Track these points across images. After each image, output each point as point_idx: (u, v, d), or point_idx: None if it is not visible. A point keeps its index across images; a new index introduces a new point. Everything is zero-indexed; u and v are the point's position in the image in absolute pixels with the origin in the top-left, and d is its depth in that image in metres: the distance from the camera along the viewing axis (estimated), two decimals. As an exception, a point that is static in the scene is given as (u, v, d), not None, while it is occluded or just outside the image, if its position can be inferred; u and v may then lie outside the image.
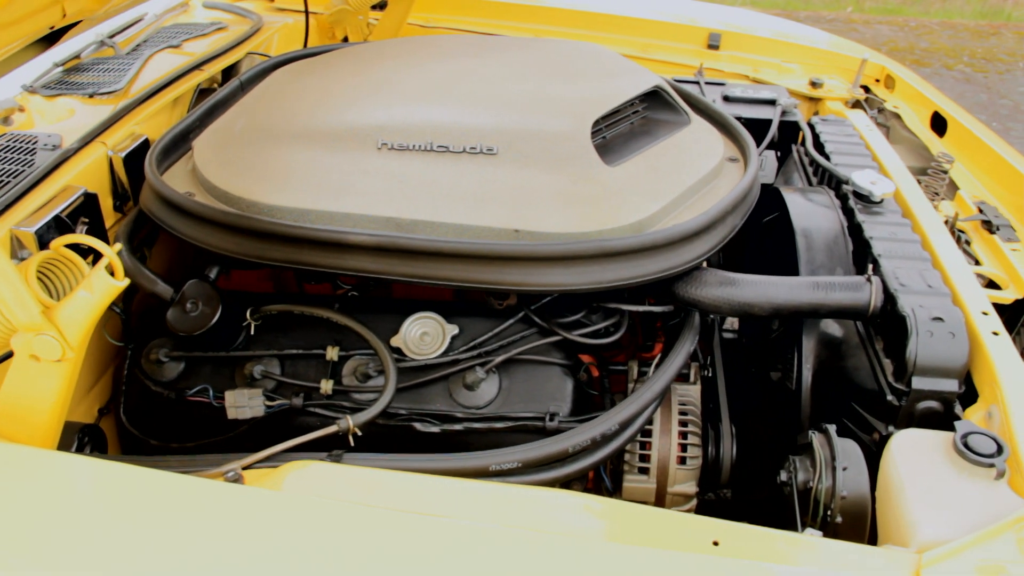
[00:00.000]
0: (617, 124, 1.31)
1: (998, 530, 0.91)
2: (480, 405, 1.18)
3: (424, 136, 1.19)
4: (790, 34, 2.14)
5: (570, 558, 0.82)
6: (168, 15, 1.84)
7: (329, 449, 1.07)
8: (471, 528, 0.84)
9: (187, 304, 1.22)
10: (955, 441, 1.01)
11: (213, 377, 1.24)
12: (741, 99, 1.81)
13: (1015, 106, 4.69)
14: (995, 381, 1.10)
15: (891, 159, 1.58)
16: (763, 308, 1.18)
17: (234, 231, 1.17)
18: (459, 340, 1.22)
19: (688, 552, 0.85)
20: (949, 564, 0.87)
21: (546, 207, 1.15)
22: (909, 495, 0.97)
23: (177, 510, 0.86)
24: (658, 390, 1.12)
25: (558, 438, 1.06)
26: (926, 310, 1.14)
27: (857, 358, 1.23)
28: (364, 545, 0.83)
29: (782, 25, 2.24)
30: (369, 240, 1.12)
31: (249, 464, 1.02)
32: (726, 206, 1.21)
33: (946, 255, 1.31)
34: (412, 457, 1.03)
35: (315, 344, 1.24)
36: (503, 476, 1.05)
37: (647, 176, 1.23)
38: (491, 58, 1.40)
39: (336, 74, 1.40)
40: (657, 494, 1.21)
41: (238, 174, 1.24)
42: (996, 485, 0.99)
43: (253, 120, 1.32)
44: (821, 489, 0.98)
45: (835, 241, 1.35)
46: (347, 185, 1.18)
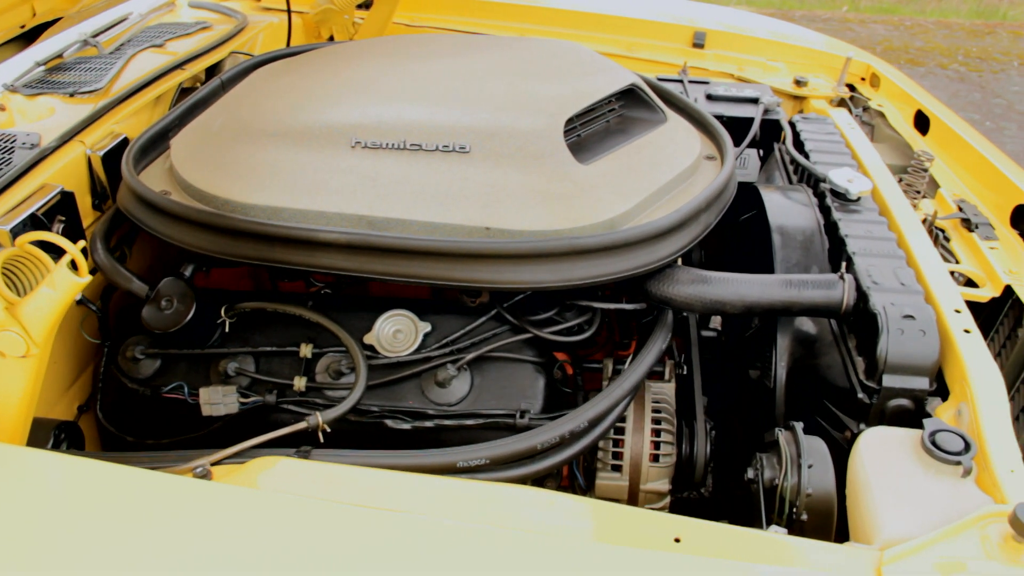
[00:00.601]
0: (592, 122, 1.31)
1: (961, 527, 0.91)
2: (452, 402, 1.18)
3: (397, 135, 1.19)
4: (776, 33, 2.14)
5: (530, 554, 0.82)
6: (153, 14, 1.85)
7: (303, 445, 1.07)
8: (431, 524, 0.85)
9: (162, 302, 1.22)
10: (923, 439, 1.01)
11: (189, 374, 1.25)
12: (724, 97, 1.81)
13: (1009, 105, 4.68)
14: (965, 379, 1.10)
15: (871, 157, 1.58)
16: (735, 306, 1.18)
17: (207, 229, 1.18)
18: (432, 338, 1.22)
19: (649, 549, 0.86)
20: (910, 561, 0.87)
21: (518, 205, 1.15)
22: (874, 492, 0.97)
23: (141, 505, 0.86)
24: (628, 388, 1.12)
25: (526, 435, 1.06)
26: (897, 308, 1.14)
27: (830, 356, 1.23)
28: (324, 540, 0.83)
29: (768, 24, 2.23)
30: (340, 238, 1.12)
31: (218, 460, 1.02)
32: (699, 204, 1.21)
33: (921, 253, 1.31)
34: (379, 453, 1.03)
35: (289, 342, 1.24)
36: (471, 473, 1.05)
37: (620, 174, 1.23)
38: (468, 57, 1.41)
39: (313, 73, 1.41)
40: (630, 491, 1.21)
41: (213, 173, 1.24)
42: (963, 483, 0.99)
43: (230, 119, 1.33)
44: (787, 486, 0.98)
45: (811, 239, 1.35)
46: (320, 183, 1.19)
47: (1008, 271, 1.36)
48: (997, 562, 0.87)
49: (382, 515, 0.86)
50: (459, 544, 0.82)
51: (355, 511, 0.87)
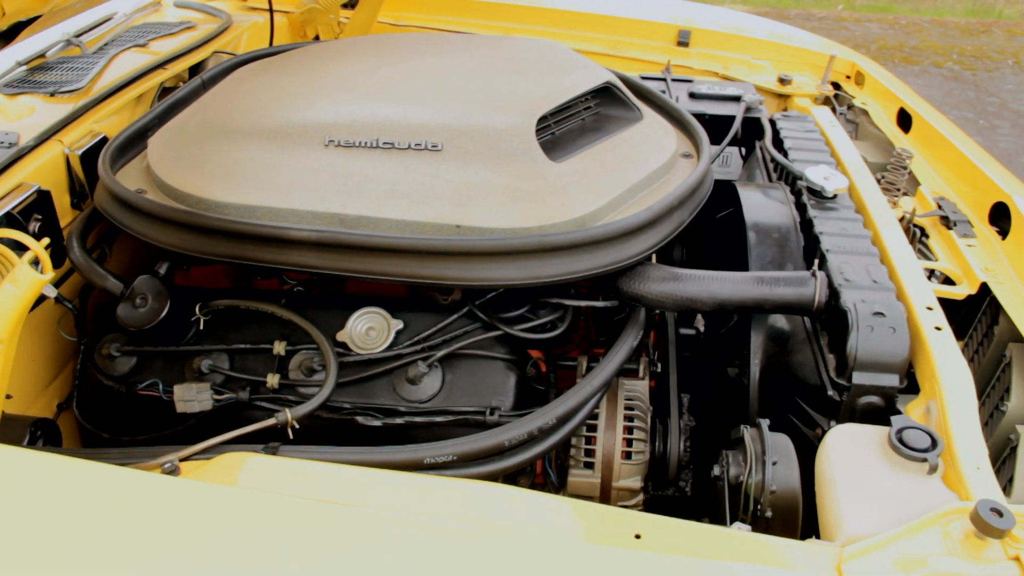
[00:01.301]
0: (567, 120, 1.31)
1: (924, 524, 0.91)
2: (423, 399, 1.18)
3: (370, 133, 1.20)
4: (761, 31, 2.14)
5: (488, 550, 0.82)
6: (138, 14, 1.86)
7: (276, 441, 1.08)
8: (392, 519, 0.85)
9: (137, 299, 1.23)
10: (890, 436, 1.02)
11: (164, 371, 1.26)
12: (707, 96, 1.81)
13: (1002, 103, 4.66)
14: (934, 376, 1.10)
15: (850, 155, 1.58)
16: (706, 303, 1.18)
17: (180, 227, 1.19)
18: (404, 335, 1.22)
19: (609, 545, 0.86)
20: (871, 557, 0.87)
21: (489, 203, 1.16)
22: (838, 489, 0.97)
23: (104, 500, 0.87)
24: (597, 385, 1.13)
25: (494, 431, 1.06)
26: (868, 305, 1.14)
27: (803, 353, 1.23)
28: (285, 535, 0.83)
29: (754, 22, 2.23)
30: (310, 235, 1.13)
31: (187, 456, 1.03)
32: (671, 202, 1.21)
33: (895, 250, 1.30)
34: (347, 450, 1.04)
35: (263, 339, 1.25)
36: (439, 469, 1.05)
37: (593, 172, 1.23)
38: (445, 56, 1.41)
39: (290, 73, 1.41)
40: (602, 488, 1.21)
41: (188, 171, 1.25)
42: (928, 480, 0.99)
43: (205, 118, 1.33)
44: (751, 483, 0.98)
45: (786, 236, 1.35)
46: (293, 182, 1.19)
47: (984, 268, 1.36)
48: (958, 558, 0.87)
49: (345, 510, 0.87)
50: (418, 539, 0.83)
51: (319, 507, 0.88)
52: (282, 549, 0.80)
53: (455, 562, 0.80)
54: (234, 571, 0.78)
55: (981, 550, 0.88)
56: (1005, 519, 0.87)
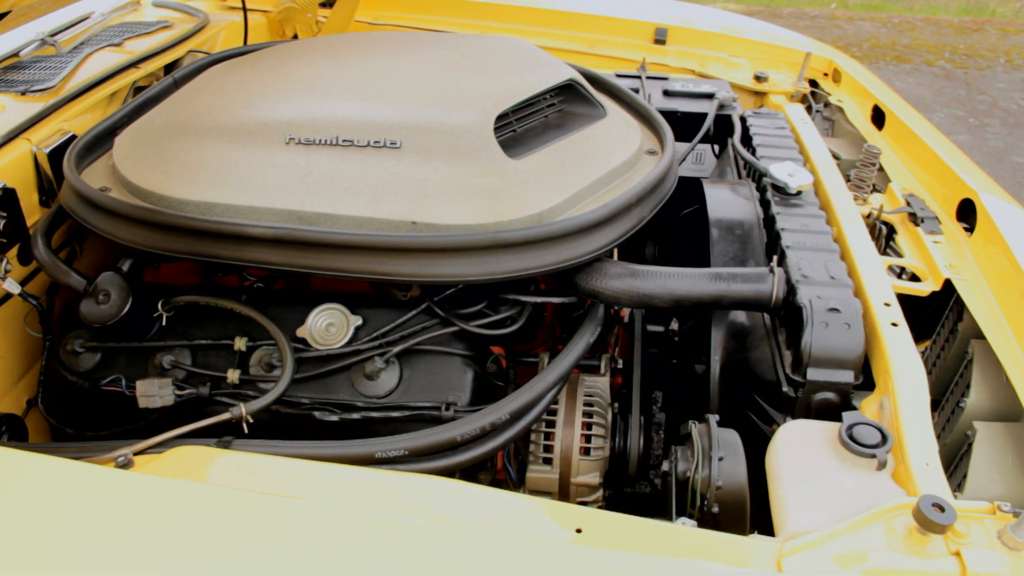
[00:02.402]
0: (529, 118, 1.32)
1: (868, 520, 0.91)
2: (380, 395, 1.19)
3: (330, 131, 1.20)
4: (738, 29, 2.14)
5: (422, 542, 0.82)
6: (116, 13, 1.87)
7: (234, 435, 1.09)
8: (323, 511, 0.85)
9: (99, 295, 1.24)
10: (840, 432, 1.02)
11: (128, 367, 1.27)
12: (680, 93, 1.81)
13: (993, 102, 4.64)
14: (888, 372, 1.10)
15: (820, 152, 1.58)
16: (663, 299, 1.18)
17: (140, 224, 1.20)
18: (364, 331, 1.23)
19: (548, 539, 0.86)
20: (810, 553, 0.87)
21: (446, 199, 1.16)
22: (785, 485, 0.97)
23: (46, 493, 0.87)
24: (551, 381, 1.13)
25: (445, 427, 1.07)
26: (823, 301, 1.13)
27: (762, 350, 1.23)
28: (225, 527, 0.84)
29: (731, 20, 2.23)
30: (266, 232, 1.14)
31: (141, 450, 1.04)
32: (629, 198, 1.21)
33: (857, 247, 1.30)
34: (298, 444, 1.05)
35: (225, 335, 1.26)
36: (391, 464, 1.06)
37: (552, 169, 1.23)
38: (410, 54, 1.42)
39: (257, 71, 1.42)
40: (560, 484, 1.21)
41: (151, 169, 1.26)
42: (877, 476, 0.99)
43: (171, 117, 1.34)
44: (698, 479, 0.99)
45: (749, 233, 1.35)
46: (253, 179, 1.20)
47: (949, 265, 1.36)
48: (901, 554, 0.87)
49: (282, 503, 0.87)
50: (351, 531, 0.83)
51: (259, 499, 0.88)
52: (216, 540, 0.81)
53: (386, 554, 0.80)
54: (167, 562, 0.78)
55: (923, 545, 0.88)
56: (947, 514, 0.87)
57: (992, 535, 0.89)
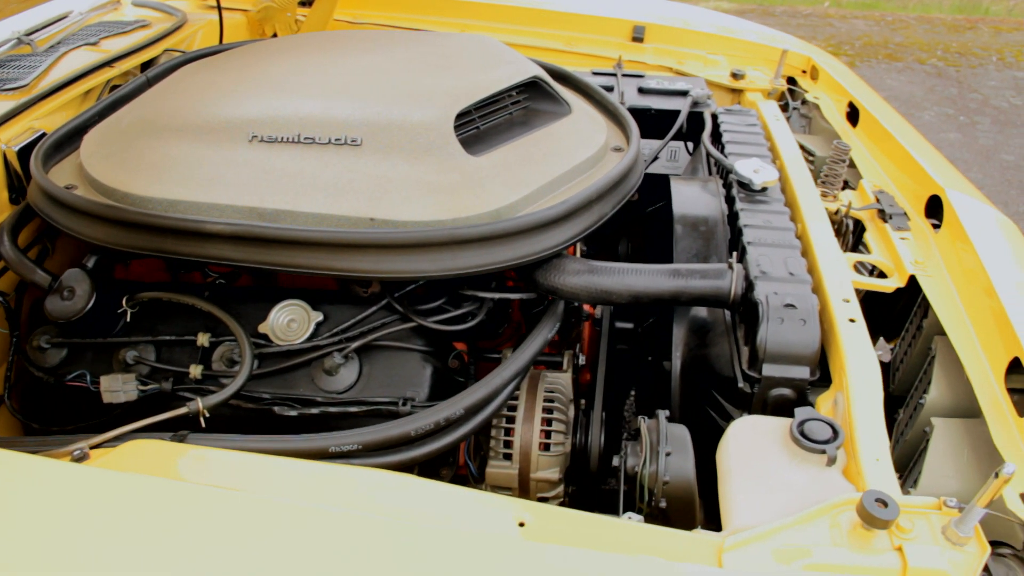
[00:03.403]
0: (493, 115, 1.32)
1: (813, 515, 0.91)
2: (340, 390, 1.20)
3: (292, 128, 1.21)
4: (716, 26, 2.13)
5: (360, 536, 0.83)
6: (94, 13, 1.88)
7: (192, 429, 1.10)
8: (264, 502, 0.86)
9: (64, 292, 1.25)
10: (791, 427, 1.02)
11: (94, 363, 1.28)
12: (655, 91, 1.81)
13: (984, 100, 4.61)
14: (843, 368, 1.10)
15: (790, 148, 1.57)
16: (621, 295, 1.18)
17: (102, 221, 1.21)
18: (325, 327, 1.24)
19: (491, 532, 0.87)
20: (752, 547, 0.87)
21: (405, 196, 1.17)
22: (732, 480, 0.97)
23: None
24: (507, 376, 1.13)
25: (399, 421, 1.07)
26: (780, 297, 1.13)
27: (721, 346, 1.23)
28: (170, 519, 0.85)
29: (711, 18, 2.22)
30: (225, 229, 1.14)
31: (97, 443, 1.05)
32: (589, 195, 1.21)
33: (820, 243, 1.30)
34: (254, 438, 1.05)
35: (189, 331, 1.27)
36: (345, 458, 1.06)
37: (513, 165, 1.24)
38: (376, 52, 1.42)
39: (225, 70, 1.43)
40: (520, 480, 1.22)
41: (116, 167, 1.27)
42: (826, 471, 0.99)
43: (138, 115, 1.35)
44: (645, 474, 0.99)
45: (713, 229, 1.35)
46: (216, 176, 1.21)
47: (915, 262, 1.35)
48: (845, 549, 0.87)
49: (226, 494, 0.88)
50: (292, 522, 0.84)
51: (202, 491, 0.89)
52: (156, 531, 0.82)
53: (321, 546, 0.81)
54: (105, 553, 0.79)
55: (867, 541, 0.88)
56: (889, 510, 0.87)
57: (937, 530, 0.89)
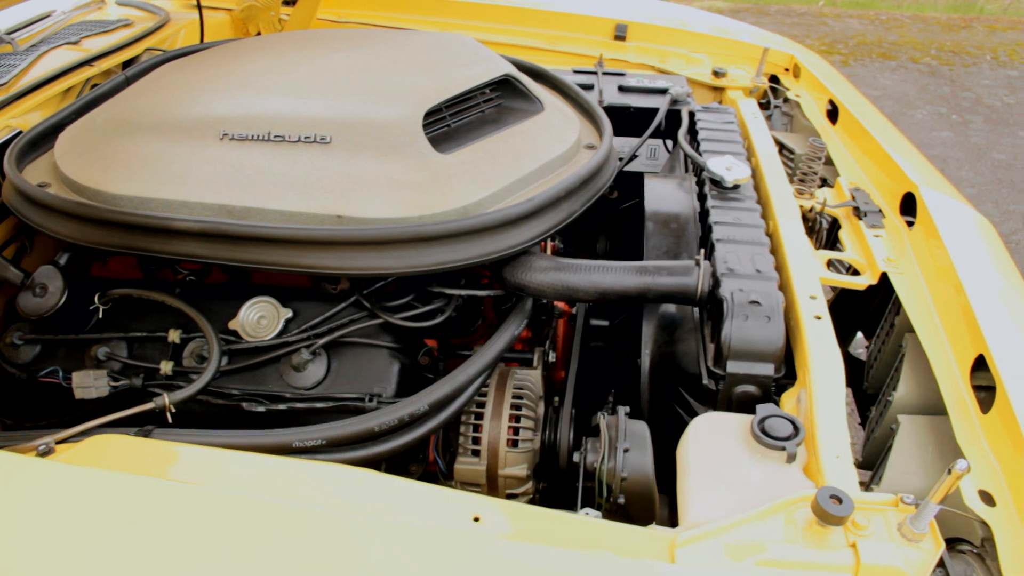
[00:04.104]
0: (464, 113, 1.32)
1: (769, 511, 0.91)
2: (308, 386, 1.20)
3: (263, 126, 1.22)
4: (699, 24, 2.13)
5: (311, 530, 0.83)
6: (77, 12, 1.89)
7: (160, 424, 1.10)
8: (223, 498, 0.87)
9: (36, 288, 1.26)
10: (752, 424, 1.02)
11: (67, 359, 1.29)
12: (635, 89, 1.81)
13: (977, 99, 4.59)
14: (806, 365, 1.10)
15: (766, 146, 1.57)
16: (588, 292, 1.19)
17: (73, 218, 1.21)
18: (294, 324, 1.24)
19: (445, 527, 0.87)
20: (705, 543, 0.87)
21: (372, 193, 1.17)
22: (690, 476, 0.98)
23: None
24: (472, 373, 1.14)
25: (363, 417, 1.08)
26: (745, 294, 1.14)
27: (688, 343, 1.24)
28: (127, 514, 0.86)
29: (695, 16, 2.22)
30: (193, 226, 1.15)
31: (63, 439, 1.06)
32: (557, 192, 1.22)
33: (790, 240, 1.30)
34: (218, 433, 1.06)
35: (161, 328, 1.27)
36: (309, 453, 1.07)
37: (481, 163, 1.24)
38: (349, 50, 1.43)
39: (200, 69, 1.44)
40: (488, 476, 1.22)
41: (89, 165, 1.28)
42: (786, 468, 0.99)
43: (113, 114, 1.36)
44: (603, 470, 0.99)
45: (684, 226, 1.35)
46: (187, 174, 1.22)
47: (887, 259, 1.35)
48: (800, 545, 0.87)
49: (182, 488, 0.88)
50: (246, 516, 0.84)
51: (166, 485, 0.90)
52: (113, 524, 0.83)
53: (274, 539, 0.81)
54: (60, 546, 0.80)
55: (822, 537, 0.88)
56: (844, 506, 0.87)
57: (893, 527, 0.89)
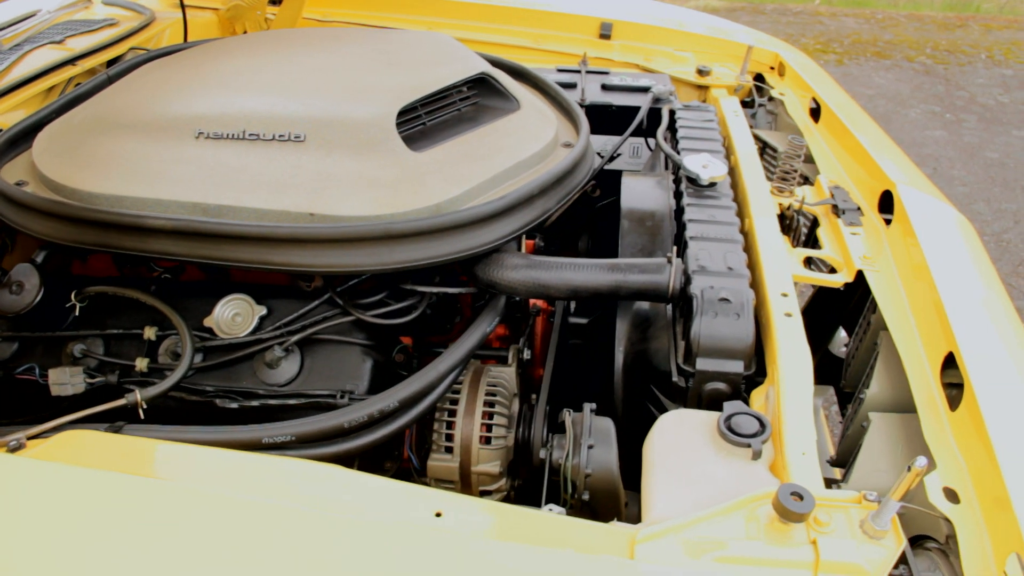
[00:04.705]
0: (440, 111, 1.33)
1: (731, 508, 0.91)
2: (281, 383, 1.21)
3: (238, 125, 1.22)
4: (684, 23, 2.13)
5: (272, 524, 0.84)
6: (63, 11, 1.90)
7: (133, 420, 1.11)
8: (191, 493, 0.87)
9: (12, 286, 1.27)
10: (718, 421, 1.02)
11: (44, 357, 1.29)
12: (618, 87, 1.81)
13: (971, 97, 4.58)
14: (775, 362, 1.10)
15: (745, 144, 1.57)
16: (560, 290, 1.19)
17: (50, 217, 1.22)
18: (268, 321, 1.25)
19: (406, 522, 0.87)
20: (664, 540, 0.87)
21: (344, 191, 1.18)
22: (654, 473, 0.98)
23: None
24: (443, 370, 1.14)
25: (332, 413, 1.08)
26: (715, 291, 1.14)
27: (661, 340, 1.24)
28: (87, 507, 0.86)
29: (681, 14, 2.22)
30: (166, 224, 1.16)
31: (34, 434, 1.06)
32: (530, 190, 1.22)
33: (765, 238, 1.30)
34: (188, 429, 1.07)
35: (137, 325, 1.28)
36: (278, 449, 1.08)
37: (455, 161, 1.24)
38: (328, 50, 1.43)
39: (179, 68, 1.44)
40: (461, 472, 1.22)
41: (66, 163, 1.29)
42: (751, 465, 0.99)
43: (91, 113, 1.37)
44: (568, 466, 0.99)
45: (660, 224, 1.35)
46: (162, 173, 1.22)
47: (863, 257, 1.35)
48: (762, 542, 0.87)
49: (148, 483, 0.89)
50: (211, 511, 0.85)
51: (132, 481, 0.90)
52: (84, 519, 0.83)
53: (234, 532, 0.82)
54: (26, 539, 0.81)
55: (784, 534, 0.88)
56: (805, 503, 0.87)
57: (855, 524, 0.89)
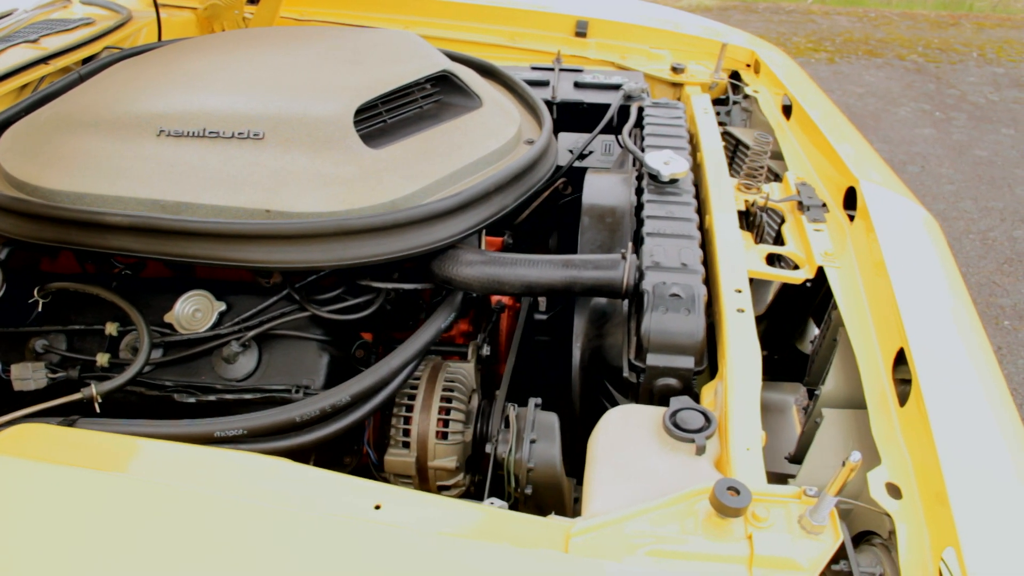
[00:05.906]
0: (401, 108, 1.33)
1: (668, 503, 0.91)
2: (239, 378, 1.22)
3: (198, 123, 1.23)
4: (660, 20, 2.13)
5: (215, 517, 0.85)
6: (40, 10, 1.92)
7: (90, 414, 1.12)
8: (138, 483, 0.88)
9: (-25, 284, 1.28)
10: (664, 417, 1.02)
11: (7, 352, 1.31)
12: (590, 85, 1.81)
13: (961, 96, 4.56)
14: (725, 358, 1.10)
15: (712, 141, 1.57)
16: (514, 286, 1.19)
17: (10, 213, 1.24)
18: (228, 317, 1.26)
19: (345, 515, 0.88)
20: (599, 533, 0.88)
21: (301, 188, 1.19)
22: (596, 468, 0.98)
23: None
24: (396, 365, 1.15)
25: (284, 408, 1.09)
26: (667, 287, 1.14)
27: (616, 336, 1.24)
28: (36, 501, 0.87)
29: (658, 12, 2.22)
30: (123, 220, 1.17)
31: None
32: (486, 187, 1.23)
33: (724, 235, 1.30)
34: (143, 422, 1.08)
35: (99, 320, 1.29)
36: (231, 443, 1.08)
37: (412, 158, 1.25)
38: (291, 48, 1.44)
39: (146, 67, 1.46)
40: (418, 468, 1.23)
41: (29, 161, 1.30)
42: (695, 461, 1.00)
43: (56, 111, 1.38)
44: (511, 460, 1.00)
45: (620, 221, 1.36)
46: (123, 170, 1.23)
47: (824, 253, 1.35)
48: (699, 536, 0.88)
49: (97, 476, 0.90)
50: (158, 503, 0.86)
51: (81, 473, 0.91)
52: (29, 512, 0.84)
53: (176, 525, 0.83)
54: None
55: (721, 529, 0.88)
56: (741, 498, 0.87)
57: (793, 519, 0.89)
